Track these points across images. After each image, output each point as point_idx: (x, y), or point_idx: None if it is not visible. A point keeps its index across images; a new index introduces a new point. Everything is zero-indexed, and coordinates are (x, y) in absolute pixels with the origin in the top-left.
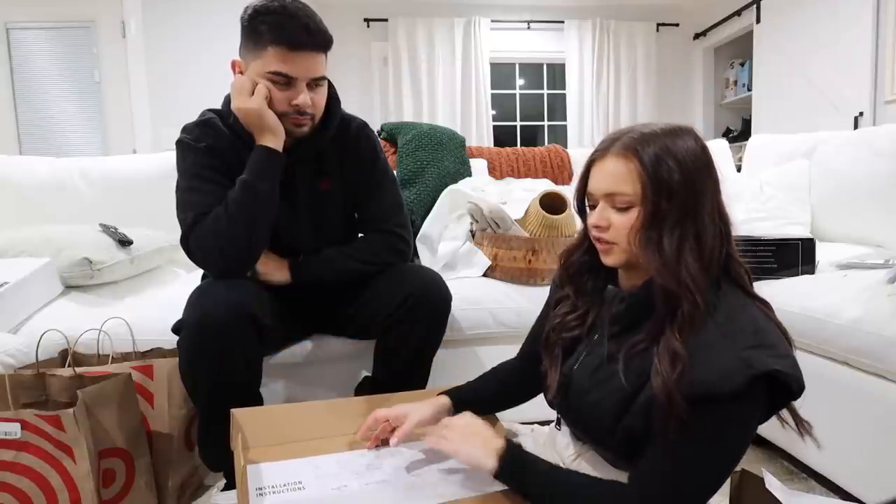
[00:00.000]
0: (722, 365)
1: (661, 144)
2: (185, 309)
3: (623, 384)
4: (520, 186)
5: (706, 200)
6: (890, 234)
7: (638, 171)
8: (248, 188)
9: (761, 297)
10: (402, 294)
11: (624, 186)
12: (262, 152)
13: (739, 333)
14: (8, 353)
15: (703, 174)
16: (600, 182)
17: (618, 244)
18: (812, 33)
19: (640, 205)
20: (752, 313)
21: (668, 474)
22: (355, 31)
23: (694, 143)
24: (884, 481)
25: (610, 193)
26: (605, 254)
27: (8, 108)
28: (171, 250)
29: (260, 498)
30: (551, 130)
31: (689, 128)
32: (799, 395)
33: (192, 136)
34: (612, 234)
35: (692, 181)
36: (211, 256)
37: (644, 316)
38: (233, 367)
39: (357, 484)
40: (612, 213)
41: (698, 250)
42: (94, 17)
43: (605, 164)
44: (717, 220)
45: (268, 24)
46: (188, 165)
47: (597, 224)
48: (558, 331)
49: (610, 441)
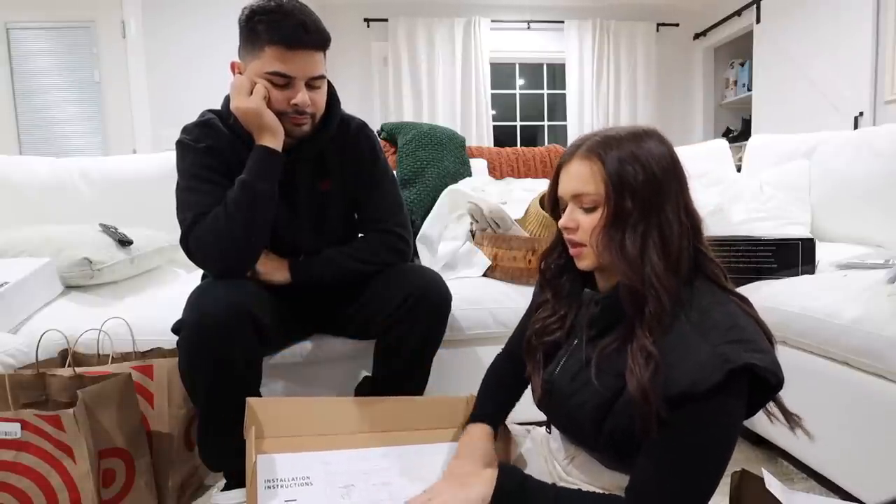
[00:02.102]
0: (698, 362)
1: (624, 147)
2: (184, 309)
3: (610, 384)
4: (520, 186)
5: (670, 199)
6: (890, 234)
7: (601, 173)
8: (246, 188)
9: (738, 293)
10: (402, 294)
11: (588, 187)
12: (260, 152)
13: (714, 329)
14: (8, 353)
15: (668, 174)
16: (567, 184)
17: (586, 245)
18: (812, 33)
19: (604, 205)
20: (729, 309)
21: (661, 482)
22: (355, 31)
23: (658, 145)
24: (884, 481)
25: (577, 194)
26: (578, 258)
27: (8, 108)
28: (171, 250)
29: (268, 491)
30: (551, 130)
31: (653, 130)
32: (778, 389)
33: (191, 137)
34: (580, 234)
35: (656, 181)
36: (210, 256)
37: (619, 318)
38: (232, 367)
39: (364, 484)
40: (579, 214)
41: (663, 249)
42: (94, 17)
43: (571, 166)
44: (684, 218)
45: (264, 23)
46: (187, 166)
47: (566, 225)
48: (539, 335)
49: (596, 443)
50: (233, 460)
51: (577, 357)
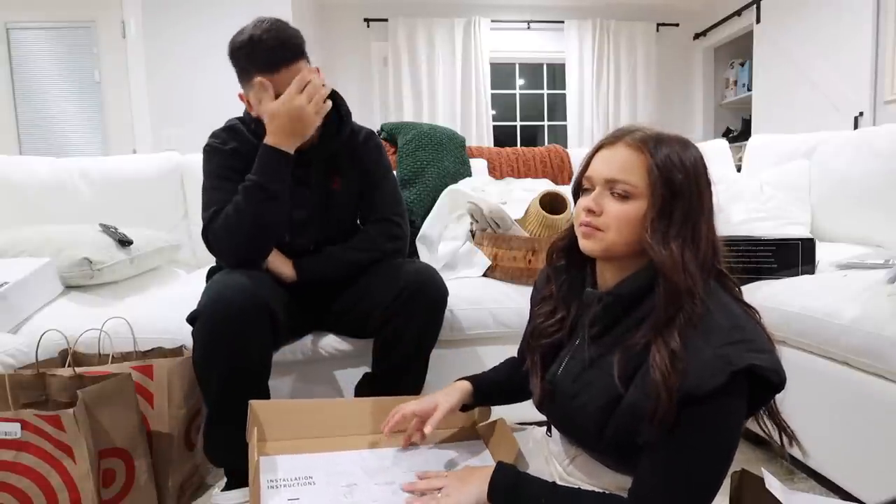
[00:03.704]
0: (701, 364)
1: (673, 148)
2: (201, 297)
3: (611, 386)
4: (520, 186)
5: (704, 212)
6: (890, 234)
7: (648, 165)
8: (254, 187)
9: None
10: (397, 288)
11: (630, 176)
12: (271, 153)
13: (717, 330)
14: (8, 353)
15: (704, 187)
16: (604, 167)
17: (605, 231)
18: (812, 33)
19: (648, 198)
20: (731, 310)
21: (664, 483)
22: (355, 31)
23: (699, 157)
24: (884, 481)
25: (612, 179)
26: (587, 237)
27: (8, 108)
28: (171, 250)
29: (271, 491)
30: (551, 130)
31: (693, 144)
32: (781, 388)
33: (219, 140)
34: (603, 220)
35: (696, 189)
36: (224, 250)
37: (623, 314)
38: (247, 355)
39: (367, 483)
40: (608, 199)
41: (695, 257)
42: (94, 17)
43: (615, 151)
44: (711, 235)
45: (243, 56)
46: (213, 167)
47: (589, 207)
48: (537, 337)
49: (599, 444)
50: (237, 456)
51: (581, 357)
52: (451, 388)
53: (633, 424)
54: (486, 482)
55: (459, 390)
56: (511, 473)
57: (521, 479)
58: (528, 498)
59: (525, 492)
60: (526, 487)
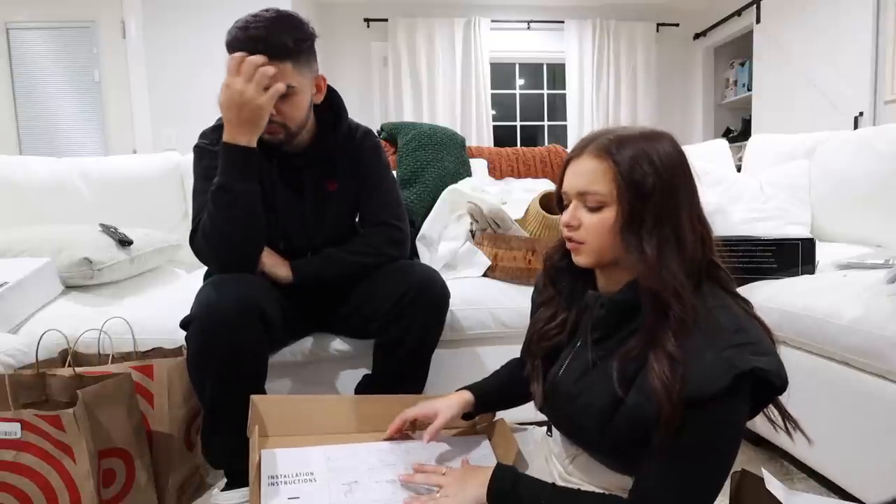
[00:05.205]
0: (704, 366)
1: (637, 147)
2: (194, 303)
3: (614, 388)
4: (520, 186)
5: (683, 205)
6: (890, 234)
7: (612, 172)
8: (218, 190)
9: (742, 296)
10: (400, 291)
11: (596, 186)
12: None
13: (721, 333)
14: (8, 353)
15: (679, 179)
16: (573, 181)
17: (586, 244)
18: (812, 33)
19: (616, 205)
20: (733, 311)
21: (666, 484)
22: (355, 31)
23: (670, 148)
24: (884, 481)
25: (582, 192)
26: (575, 252)
27: (8, 108)
28: (171, 250)
29: (271, 487)
30: (551, 130)
31: (666, 133)
32: (783, 390)
33: (208, 140)
34: (581, 233)
35: (668, 185)
36: (208, 258)
37: (624, 319)
38: (241, 361)
39: (368, 480)
40: (583, 212)
41: (679, 255)
42: (94, 17)
43: (580, 163)
44: (698, 226)
45: (227, 36)
46: (202, 168)
47: (567, 223)
48: (538, 341)
49: (601, 445)
50: (235, 458)
51: (583, 358)
52: (451, 397)
53: (635, 425)
54: (485, 484)
55: (459, 401)
56: (510, 475)
57: (519, 481)
58: (527, 499)
59: (524, 493)
60: (525, 489)
